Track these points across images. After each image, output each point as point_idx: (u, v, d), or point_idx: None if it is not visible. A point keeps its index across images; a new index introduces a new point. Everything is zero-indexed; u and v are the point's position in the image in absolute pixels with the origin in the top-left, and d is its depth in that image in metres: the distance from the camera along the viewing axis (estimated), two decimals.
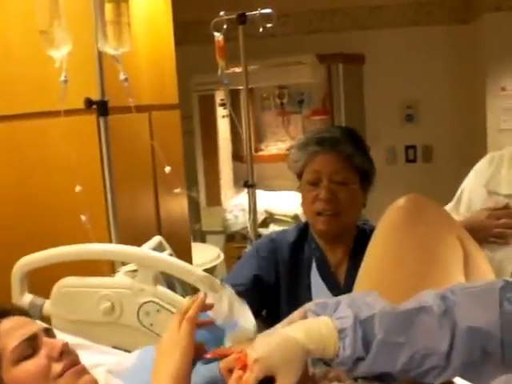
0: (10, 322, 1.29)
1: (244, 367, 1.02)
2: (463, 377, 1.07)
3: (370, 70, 4.75)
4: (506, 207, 1.78)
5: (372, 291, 1.11)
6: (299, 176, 1.77)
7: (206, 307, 1.20)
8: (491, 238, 1.66)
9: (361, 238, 1.75)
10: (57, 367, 1.24)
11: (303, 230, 1.82)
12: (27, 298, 2.07)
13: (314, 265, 1.75)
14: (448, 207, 2.10)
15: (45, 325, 1.41)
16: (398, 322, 1.03)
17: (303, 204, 1.76)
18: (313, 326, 1.04)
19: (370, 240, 1.49)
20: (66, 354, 1.28)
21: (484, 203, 1.93)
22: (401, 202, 1.40)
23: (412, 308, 1.05)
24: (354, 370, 1.04)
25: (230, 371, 1.05)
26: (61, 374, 1.23)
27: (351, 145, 1.70)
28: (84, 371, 1.29)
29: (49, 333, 1.33)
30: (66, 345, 1.29)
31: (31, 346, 1.25)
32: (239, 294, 1.54)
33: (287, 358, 1.00)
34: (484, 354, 1.00)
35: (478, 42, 4.26)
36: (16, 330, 1.26)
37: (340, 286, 1.71)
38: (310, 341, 1.02)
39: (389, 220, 1.39)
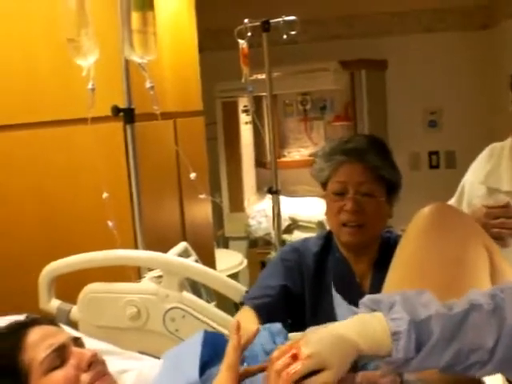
0: (38, 331, 1.29)
1: (295, 357, 1.02)
2: (504, 372, 1.07)
3: (393, 75, 4.74)
4: (505, 206, 1.65)
5: (425, 290, 1.12)
6: (324, 185, 1.76)
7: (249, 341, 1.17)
8: None
9: (385, 247, 1.73)
10: (85, 377, 1.23)
11: (327, 240, 1.80)
12: (55, 304, 2.10)
13: (329, 277, 1.73)
14: (450, 202, 2.04)
15: (74, 334, 1.40)
16: (452, 323, 1.03)
17: (328, 214, 1.74)
18: (368, 325, 1.04)
19: (394, 250, 1.48)
20: (95, 365, 1.27)
21: (484, 199, 1.85)
22: (426, 211, 1.40)
23: (465, 309, 1.05)
24: (404, 368, 1.05)
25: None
26: None
27: (378, 155, 1.68)
28: (113, 383, 1.29)
29: (77, 342, 1.32)
30: (94, 355, 1.28)
31: (60, 356, 1.24)
32: (267, 304, 1.54)
33: (340, 356, 1.01)
34: None
35: (499, 48, 4.24)
36: (44, 340, 1.26)
37: (364, 295, 1.70)
38: (364, 341, 1.02)
39: (414, 230, 1.39)
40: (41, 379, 1.22)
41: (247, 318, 1.65)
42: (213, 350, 1.33)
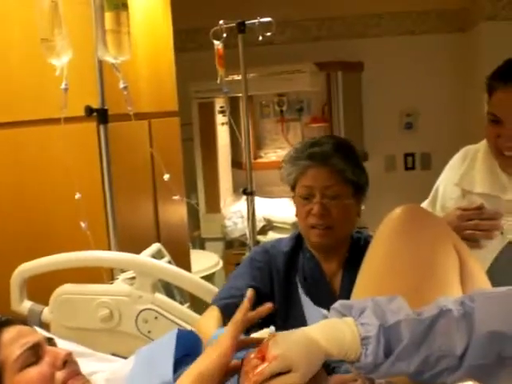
0: (11, 331, 1.28)
1: (262, 358, 1.03)
2: (478, 379, 1.08)
3: (369, 77, 4.76)
4: (479, 207, 1.63)
5: (397, 296, 1.12)
6: (292, 188, 1.77)
7: (260, 313, 1.20)
8: (462, 239, 1.49)
9: (355, 247, 1.75)
10: (60, 375, 1.24)
11: (298, 240, 1.82)
12: (26, 305, 2.08)
13: (297, 278, 1.75)
14: (424, 204, 2.04)
15: (46, 334, 1.40)
16: (421, 328, 1.04)
17: (297, 216, 1.76)
18: (337, 330, 1.05)
19: (365, 249, 1.50)
20: (69, 364, 1.28)
21: (458, 201, 1.86)
22: (397, 212, 1.41)
23: (434, 314, 1.06)
24: (373, 372, 1.06)
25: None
26: (64, 383, 1.23)
27: (342, 158, 1.68)
28: (86, 382, 1.29)
29: (51, 342, 1.33)
30: (69, 354, 1.28)
31: (35, 354, 1.25)
32: (233, 305, 1.54)
33: (307, 360, 1.02)
34: (501, 357, 1.01)
35: (475, 51, 4.28)
36: (18, 339, 1.26)
37: (335, 295, 1.71)
38: (332, 345, 1.03)
39: (386, 231, 1.40)
40: (15, 376, 1.22)
41: (212, 317, 1.66)
42: (186, 348, 1.33)
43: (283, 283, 1.74)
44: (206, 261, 3.90)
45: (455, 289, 1.32)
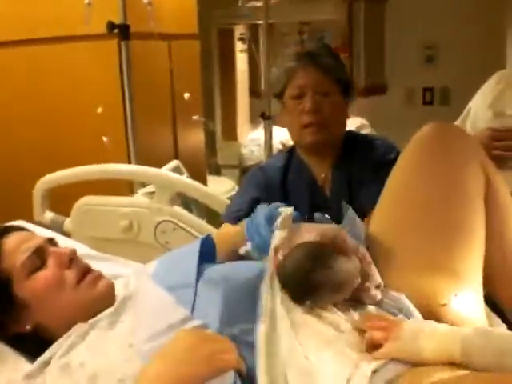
0: (12, 238, 1.26)
1: (385, 334, 1.05)
2: None
3: (392, 9, 4.68)
4: (510, 129, 1.65)
5: None
6: (280, 95, 1.79)
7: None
8: (490, 159, 1.57)
9: (349, 145, 1.77)
10: (70, 274, 1.22)
11: (290, 154, 1.85)
12: (48, 216, 2.14)
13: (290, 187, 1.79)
14: (456, 123, 2.06)
15: (47, 235, 1.35)
16: None
17: (289, 121, 1.78)
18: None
19: (362, 145, 1.66)
20: (76, 261, 1.26)
21: (489, 122, 1.87)
22: (425, 129, 1.42)
23: None
24: None
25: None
26: (78, 281, 1.22)
27: (330, 58, 1.74)
28: (99, 276, 1.27)
29: (52, 242, 1.30)
30: (73, 251, 1.26)
31: (39, 257, 1.22)
32: (241, 217, 1.59)
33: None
34: None
35: None
36: (20, 245, 1.23)
37: (327, 197, 1.74)
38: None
39: (414, 149, 1.41)
40: (24, 282, 1.20)
41: (228, 227, 1.71)
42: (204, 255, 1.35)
43: (279, 194, 1.77)
44: (221, 186, 3.94)
45: (477, 203, 1.34)
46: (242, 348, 1.03)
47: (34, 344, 1.18)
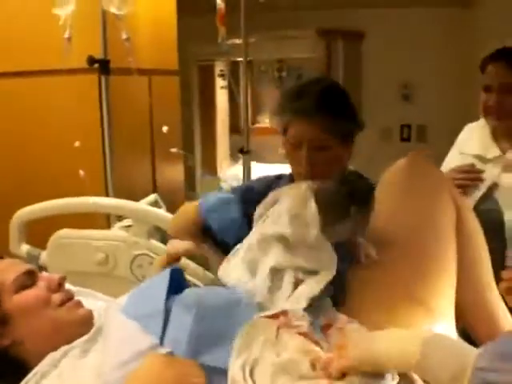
0: (4, 262, 1.32)
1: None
2: None
3: (369, 48, 4.77)
4: (470, 166, 1.96)
5: None
6: (283, 133, 1.74)
7: None
8: None
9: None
10: (56, 298, 1.27)
11: (280, 176, 1.80)
12: (24, 248, 2.13)
13: None
14: None
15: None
16: None
17: (289, 159, 1.72)
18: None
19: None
20: (63, 287, 1.32)
21: (455, 162, 2.06)
22: (402, 161, 1.47)
23: None
24: None
25: None
26: (61, 304, 1.27)
27: (327, 111, 1.60)
28: (81, 304, 1.33)
29: (41, 271, 1.36)
30: (63, 278, 1.32)
31: (30, 278, 1.28)
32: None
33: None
34: None
35: (478, 26, 4.28)
36: (12, 266, 1.29)
37: None
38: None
39: (390, 174, 1.46)
40: (12, 296, 1.24)
41: (186, 213, 1.78)
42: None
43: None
44: None
45: (448, 231, 1.37)
46: (209, 374, 1.05)
47: (4, 364, 1.21)
